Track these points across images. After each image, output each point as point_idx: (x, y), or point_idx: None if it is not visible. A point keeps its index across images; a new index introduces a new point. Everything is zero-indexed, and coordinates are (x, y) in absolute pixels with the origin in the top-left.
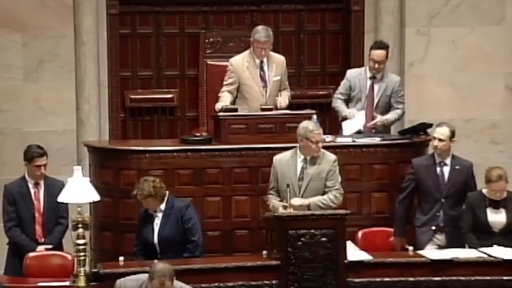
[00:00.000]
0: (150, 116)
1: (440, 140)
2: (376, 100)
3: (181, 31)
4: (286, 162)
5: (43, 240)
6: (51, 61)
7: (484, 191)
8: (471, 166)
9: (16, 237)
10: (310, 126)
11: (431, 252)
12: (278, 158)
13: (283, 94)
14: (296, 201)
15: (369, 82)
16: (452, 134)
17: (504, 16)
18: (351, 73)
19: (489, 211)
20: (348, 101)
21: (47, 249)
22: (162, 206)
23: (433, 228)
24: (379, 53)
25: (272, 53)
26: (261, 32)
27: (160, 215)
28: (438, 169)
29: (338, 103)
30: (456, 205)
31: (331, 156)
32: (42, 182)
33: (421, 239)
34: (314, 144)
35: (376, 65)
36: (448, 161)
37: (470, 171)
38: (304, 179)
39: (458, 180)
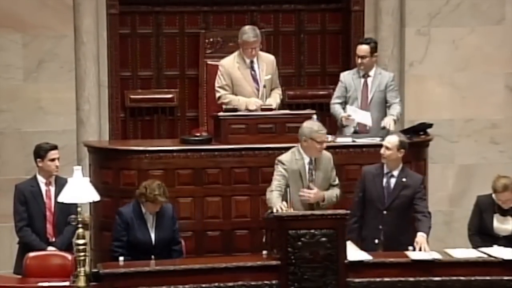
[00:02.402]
0: (150, 116)
1: (386, 148)
2: (370, 97)
3: (181, 31)
4: (295, 163)
5: (54, 239)
6: (51, 61)
7: (494, 196)
8: (420, 181)
9: (27, 237)
10: (315, 126)
11: (431, 253)
12: (286, 159)
13: (273, 94)
14: (313, 188)
15: (362, 80)
16: (401, 145)
17: (504, 16)
18: (344, 74)
19: (496, 217)
20: (345, 103)
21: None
22: None
23: (376, 242)
24: (361, 48)
25: (261, 53)
26: (249, 33)
27: (153, 216)
28: (384, 179)
29: (335, 109)
30: (398, 218)
31: (328, 154)
32: (53, 181)
33: None
34: (319, 144)
35: (360, 60)
36: (396, 172)
37: (418, 186)
38: (315, 181)
39: (404, 194)
